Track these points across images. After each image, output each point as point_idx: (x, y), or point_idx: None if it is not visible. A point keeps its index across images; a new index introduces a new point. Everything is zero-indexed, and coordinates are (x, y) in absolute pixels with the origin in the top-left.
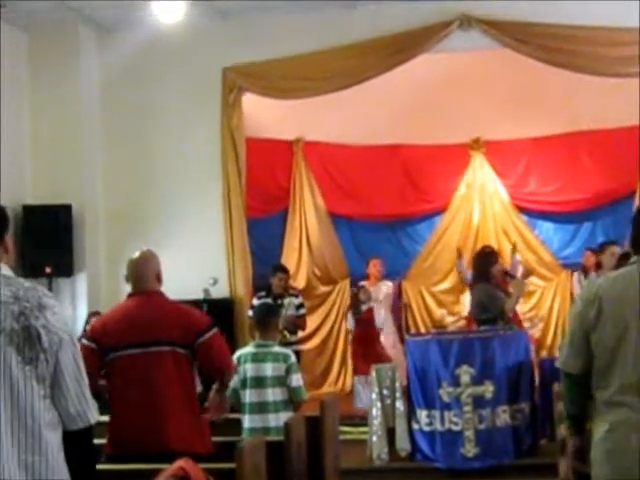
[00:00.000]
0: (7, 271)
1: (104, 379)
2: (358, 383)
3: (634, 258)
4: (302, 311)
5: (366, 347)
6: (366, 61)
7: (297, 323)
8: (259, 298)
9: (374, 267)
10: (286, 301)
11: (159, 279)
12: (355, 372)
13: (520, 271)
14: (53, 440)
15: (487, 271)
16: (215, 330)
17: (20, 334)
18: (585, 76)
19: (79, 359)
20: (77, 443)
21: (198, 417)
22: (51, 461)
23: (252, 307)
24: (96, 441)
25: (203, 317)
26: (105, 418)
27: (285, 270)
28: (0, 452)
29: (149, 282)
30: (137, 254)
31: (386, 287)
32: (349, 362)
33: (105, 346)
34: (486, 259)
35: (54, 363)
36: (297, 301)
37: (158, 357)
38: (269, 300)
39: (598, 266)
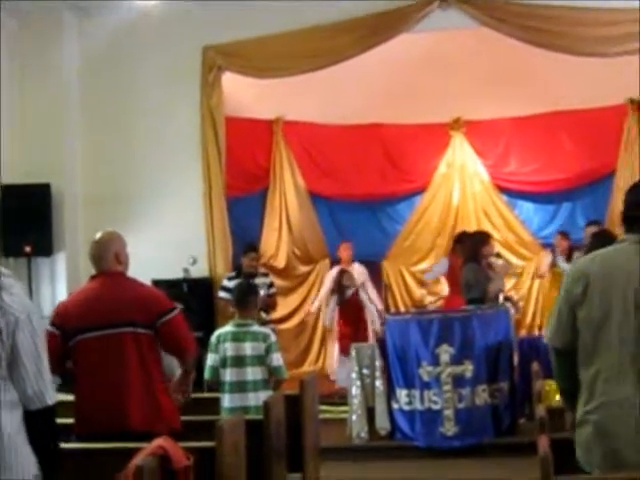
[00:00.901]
0: None
1: (70, 362)
2: (340, 362)
3: (624, 237)
4: (272, 290)
5: (355, 330)
6: (345, 41)
7: (268, 303)
8: (229, 279)
9: (344, 251)
10: (259, 281)
11: (119, 260)
12: (342, 353)
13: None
14: (10, 420)
15: (477, 251)
16: (177, 311)
17: None
18: (565, 56)
19: (37, 339)
20: (36, 423)
21: (162, 397)
22: (7, 441)
23: (223, 288)
24: (66, 420)
25: (165, 299)
26: (72, 398)
27: (256, 250)
28: None
29: (108, 263)
30: (98, 235)
31: (357, 272)
32: (329, 342)
33: (68, 330)
34: (477, 239)
35: (11, 344)
36: (268, 280)
37: (119, 339)
38: (241, 280)
39: (569, 250)
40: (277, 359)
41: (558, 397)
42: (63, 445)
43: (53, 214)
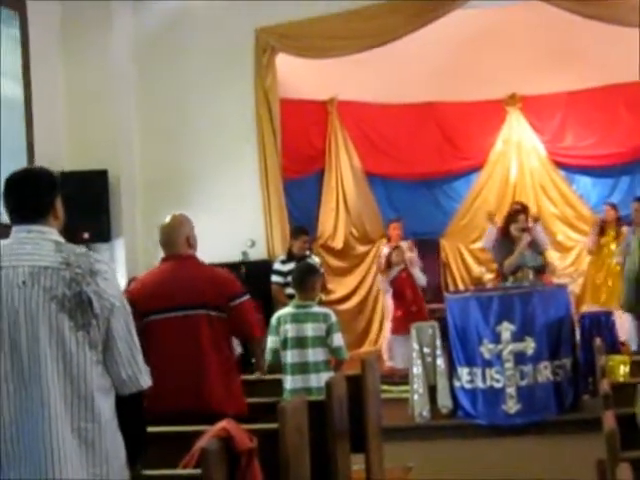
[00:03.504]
0: (57, 237)
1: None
2: (394, 342)
3: None
4: (321, 270)
5: (410, 308)
6: (399, 19)
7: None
8: (282, 262)
9: (394, 230)
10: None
11: (190, 243)
12: (393, 332)
13: (546, 241)
14: (106, 406)
15: (506, 228)
16: (248, 296)
17: (72, 300)
18: (621, 28)
19: (131, 325)
20: (129, 408)
21: (232, 379)
22: (104, 427)
23: (276, 272)
24: None
25: (237, 282)
26: None
27: (307, 232)
28: (53, 418)
29: (179, 247)
30: (168, 219)
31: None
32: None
33: (141, 309)
34: (508, 216)
35: (106, 329)
36: (317, 262)
37: (194, 321)
38: (292, 263)
39: (617, 221)
40: (338, 339)
41: (622, 372)
42: None
43: (111, 200)
